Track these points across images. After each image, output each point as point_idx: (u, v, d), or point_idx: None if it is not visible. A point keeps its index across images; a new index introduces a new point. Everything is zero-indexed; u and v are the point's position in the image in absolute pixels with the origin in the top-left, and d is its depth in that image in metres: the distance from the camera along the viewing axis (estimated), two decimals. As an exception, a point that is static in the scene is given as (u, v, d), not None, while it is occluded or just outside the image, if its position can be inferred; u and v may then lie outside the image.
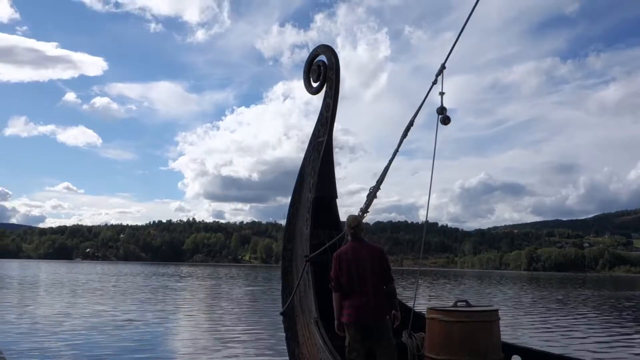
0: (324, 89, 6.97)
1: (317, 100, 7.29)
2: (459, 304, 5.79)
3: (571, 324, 19.83)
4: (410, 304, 7.31)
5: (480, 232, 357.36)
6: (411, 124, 5.71)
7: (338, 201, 7.26)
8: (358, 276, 5.39)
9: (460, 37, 5.31)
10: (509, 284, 66.83)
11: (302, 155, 7.33)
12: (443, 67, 5.33)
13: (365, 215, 6.14)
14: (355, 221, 5.64)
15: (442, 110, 5.46)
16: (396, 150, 5.81)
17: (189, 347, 12.32)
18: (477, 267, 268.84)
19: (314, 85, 7.16)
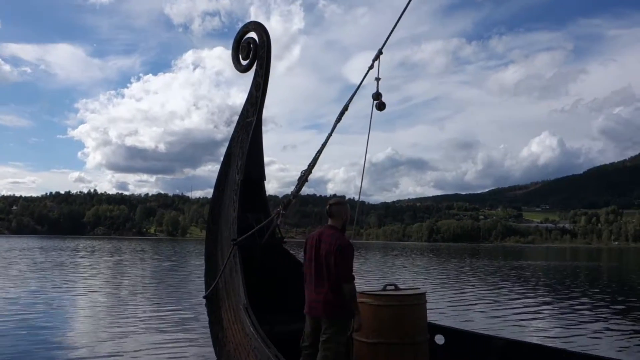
0: (254, 67, 6.75)
1: (230, 70, 7.08)
2: (387, 287, 5.90)
3: (475, 296, 21.05)
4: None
5: (385, 205, 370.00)
6: (345, 108, 5.66)
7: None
8: None
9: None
10: (413, 256, 69.76)
11: (212, 126, 7.10)
12: (380, 52, 5.29)
13: (295, 199, 6.06)
14: None
15: (377, 95, 5.44)
16: (329, 135, 5.74)
17: (96, 333, 11.65)
18: (382, 239, 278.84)
19: (243, 63, 6.91)
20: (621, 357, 9.69)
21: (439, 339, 6.17)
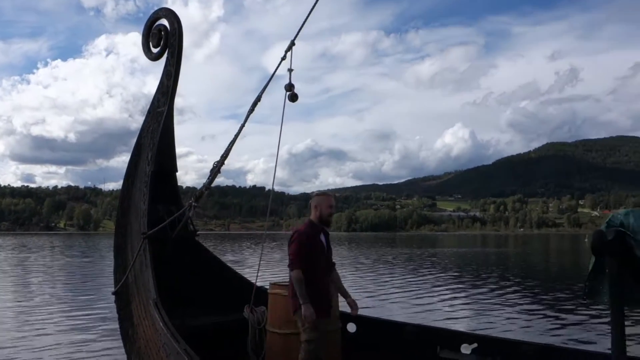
0: (165, 55, 6.55)
1: (145, 57, 6.83)
2: (301, 277, 5.95)
3: (390, 284, 21.67)
4: (249, 276, 7.36)
5: (305, 196, 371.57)
6: (258, 99, 5.61)
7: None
8: None
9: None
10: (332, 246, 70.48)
11: (126, 115, 6.88)
12: (292, 43, 5.29)
13: (207, 191, 5.97)
14: None
15: (290, 87, 5.44)
16: (242, 126, 5.68)
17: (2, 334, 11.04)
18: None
19: (154, 51, 6.69)
20: (525, 337, 10.30)
21: (351, 327, 6.29)
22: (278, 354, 5.49)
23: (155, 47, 6.69)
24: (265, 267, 28.65)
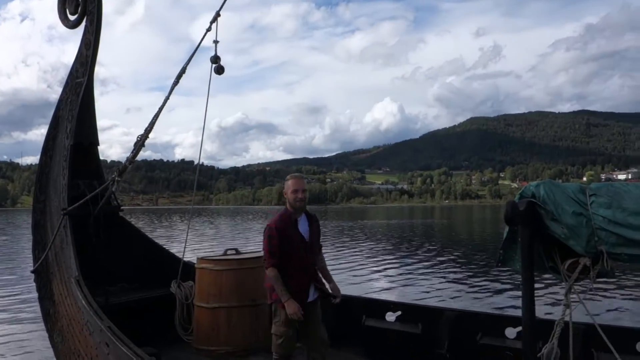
0: (84, 22, 6.21)
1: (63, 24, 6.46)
2: (229, 252, 5.93)
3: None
4: (176, 252, 7.26)
5: (235, 170, 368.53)
6: (183, 71, 5.45)
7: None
8: None
9: None
10: (263, 219, 70.55)
11: (45, 86, 6.53)
12: (218, 14, 5.15)
13: (131, 165, 5.79)
14: None
15: (216, 59, 5.32)
16: (166, 98, 5.51)
17: None
18: (232, 204, 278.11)
19: (71, 18, 6.32)
20: (447, 304, 10.76)
21: None
22: (206, 328, 5.48)
23: (72, 14, 6.33)
24: (193, 242, 28.33)
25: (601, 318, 9.64)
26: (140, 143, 5.65)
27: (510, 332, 5.12)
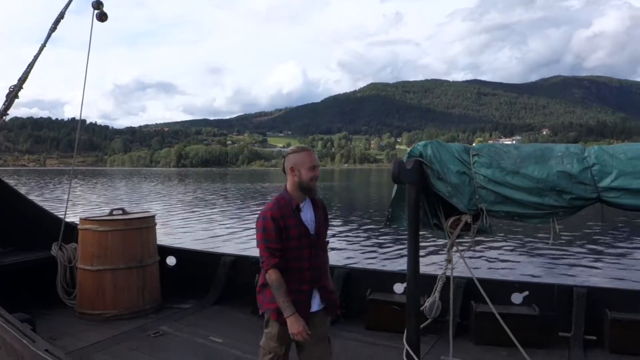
0: None
1: None
2: (114, 212, 5.64)
3: (219, 217, 21.69)
4: (58, 212, 6.80)
5: (131, 130, 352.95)
6: (61, 16, 5.00)
7: None
8: None
9: None
10: (160, 181, 68.48)
11: None
12: (99, -45, 4.75)
13: (4, 118, 5.27)
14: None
15: (98, 4, 4.92)
16: (43, 46, 5.05)
17: None
18: (128, 165, 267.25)
19: None
20: (339, 263, 11.04)
21: (170, 261, 6.20)
22: (90, 292, 5.21)
23: None
24: (79, 204, 27.00)
25: (481, 272, 10.39)
26: (12, 95, 5.15)
27: (398, 288, 5.32)
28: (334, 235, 15.86)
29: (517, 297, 5.10)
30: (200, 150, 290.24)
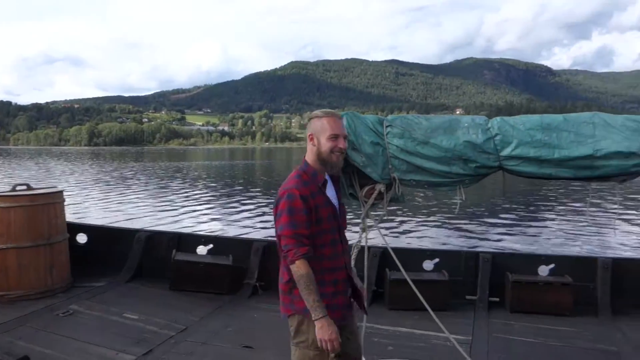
0: None
1: None
2: (18, 187, 5.33)
3: (135, 195, 21.02)
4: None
5: (37, 107, 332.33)
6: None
7: None
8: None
9: None
10: (71, 161, 65.35)
11: None
12: None
13: None
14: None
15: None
16: None
17: None
18: (34, 144, 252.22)
19: None
20: (257, 236, 11.07)
21: (81, 238, 5.97)
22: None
23: None
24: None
25: (395, 241, 10.79)
26: None
27: None
28: (257, 212, 15.84)
29: (428, 264, 5.34)
30: (114, 128, 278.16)
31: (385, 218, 3.92)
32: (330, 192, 2.74)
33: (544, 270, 5.17)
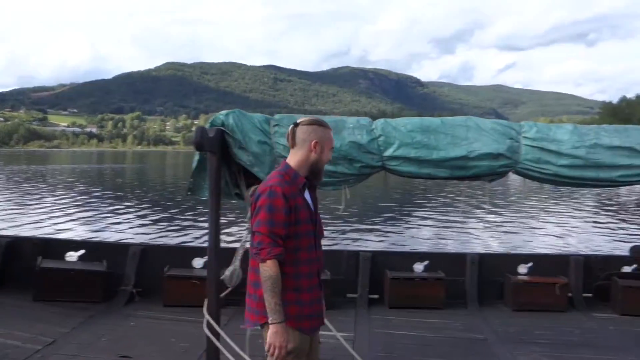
0: None
1: None
2: None
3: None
4: None
5: None
6: None
7: None
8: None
9: None
10: None
11: None
12: None
13: None
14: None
15: None
16: None
17: None
18: None
19: None
20: (134, 240, 10.60)
21: None
22: None
23: None
24: None
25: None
26: None
27: (198, 262, 5.27)
28: (131, 215, 15.13)
29: None
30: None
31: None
32: (307, 195, 2.67)
33: (419, 267, 5.45)
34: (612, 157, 3.48)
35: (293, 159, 2.63)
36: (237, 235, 10.06)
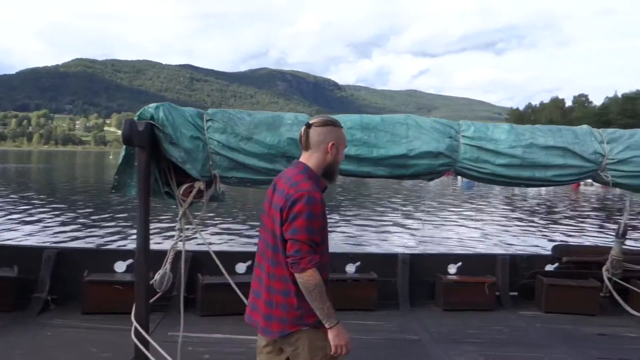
0: None
1: None
2: None
3: None
4: None
5: None
6: None
7: None
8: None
9: None
10: None
11: None
12: None
13: None
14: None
15: None
16: None
17: None
18: None
19: None
20: (49, 242, 9.94)
21: None
22: None
23: None
24: None
25: (204, 244, 10.59)
26: None
27: (120, 266, 4.94)
28: (44, 218, 14.19)
29: (241, 267, 5.22)
30: None
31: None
32: None
33: (351, 269, 5.40)
34: (547, 156, 3.57)
35: (310, 161, 2.47)
36: (163, 236, 9.68)
